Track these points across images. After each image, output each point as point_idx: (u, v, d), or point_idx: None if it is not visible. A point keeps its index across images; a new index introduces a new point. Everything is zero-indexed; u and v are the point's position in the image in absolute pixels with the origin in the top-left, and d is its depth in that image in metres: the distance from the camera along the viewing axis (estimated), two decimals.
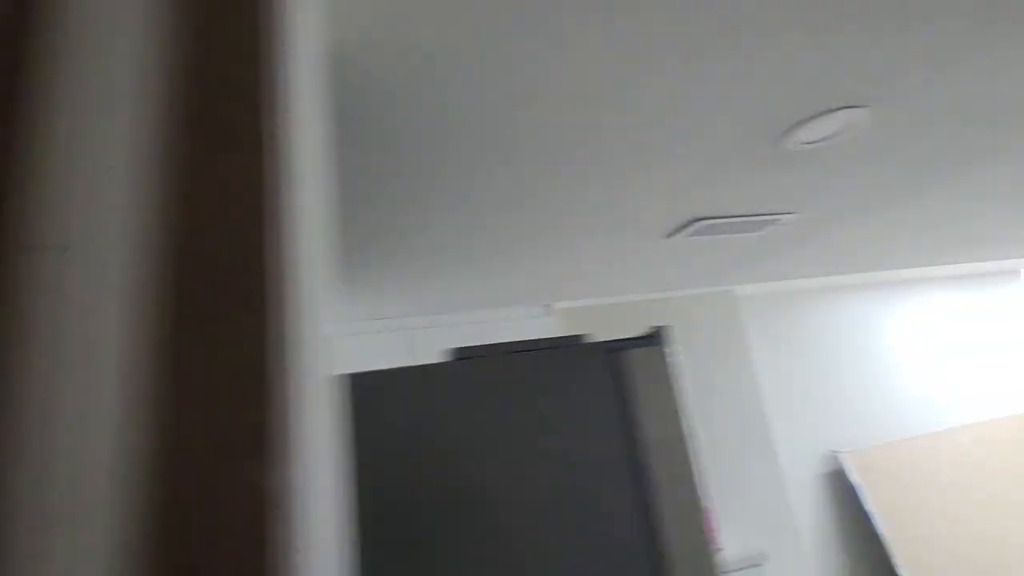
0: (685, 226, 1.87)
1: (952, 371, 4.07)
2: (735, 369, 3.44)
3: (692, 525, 1.09)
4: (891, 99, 1.28)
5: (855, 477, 3.45)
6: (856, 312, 4.02)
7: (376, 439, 1.01)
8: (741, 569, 2.56)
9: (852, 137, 1.42)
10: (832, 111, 1.27)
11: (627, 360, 1.19)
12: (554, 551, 1.03)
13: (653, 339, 1.21)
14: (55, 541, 0.28)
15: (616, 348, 1.19)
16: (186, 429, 0.31)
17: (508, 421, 1.09)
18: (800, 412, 3.65)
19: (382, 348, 2.73)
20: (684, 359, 3.38)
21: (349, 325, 2.67)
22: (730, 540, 3.02)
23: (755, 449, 3.30)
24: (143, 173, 0.36)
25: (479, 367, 1.12)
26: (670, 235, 1.91)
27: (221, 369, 0.33)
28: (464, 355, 1.15)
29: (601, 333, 3.31)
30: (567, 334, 3.27)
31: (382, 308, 2.64)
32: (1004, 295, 4.43)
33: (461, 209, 1.54)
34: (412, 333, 2.79)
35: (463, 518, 1.01)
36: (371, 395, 1.04)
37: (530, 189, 1.49)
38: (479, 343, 2.93)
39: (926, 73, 1.19)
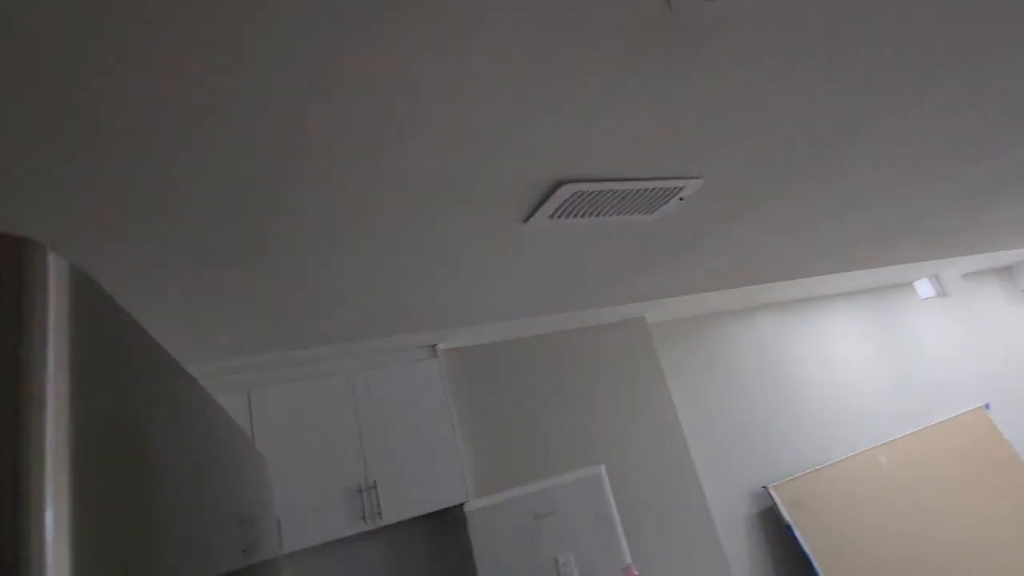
0: (546, 197, 1.35)
1: (861, 390, 3.93)
2: (655, 401, 3.05)
3: None
4: None
5: (785, 513, 3.08)
6: (766, 333, 3.82)
7: None
8: None
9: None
10: None
11: None
12: None
13: None
14: None
15: None
16: None
17: None
18: (725, 448, 3.30)
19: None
20: (600, 395, 2.95)
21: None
22: None
23: (682, 489, 2.86)
24: None
25: None
26: (528, 217, 1.44)
27: None
28: None
29: (499, 376, 2.81)
30: (458, 379, 2.74)
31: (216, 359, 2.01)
32: (902, 308, 4.45)
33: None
34: (250, 390, 2.16)
35: None
36: None
37: (324, 189, 1.04)
38: (346, 396, 2.36)
39: None
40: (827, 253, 2.81)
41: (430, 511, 2.25)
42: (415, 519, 2.49)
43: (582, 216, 1.54)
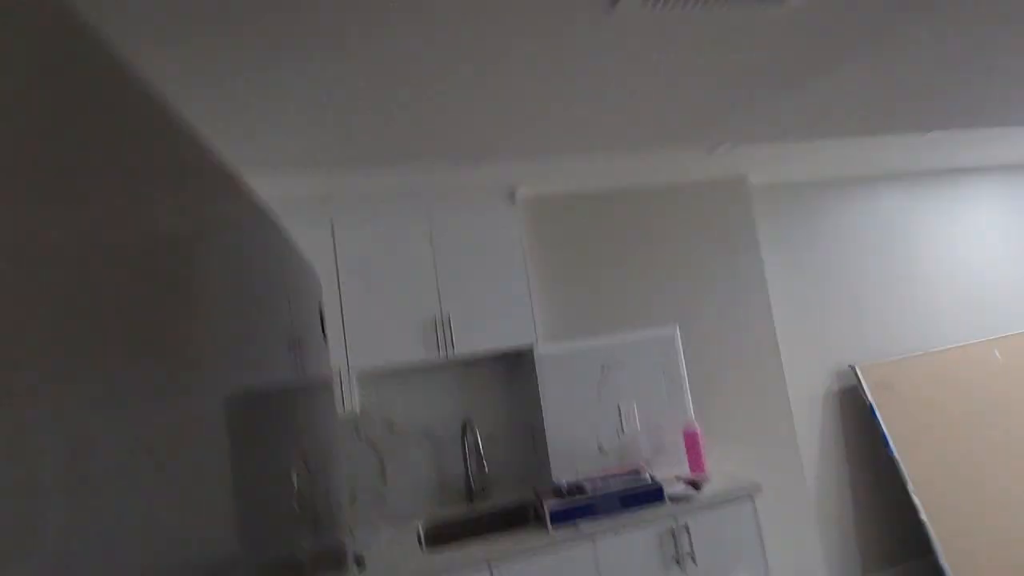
0: None
1: (986, 279, 3.46)
2: (744, 270, 2.84)
3: None
4: None
5: (870, 394, 2.93)
6: (887, 207, 3.35)
7: None
8: (727, 502, 2.08)
9: None
10: None
11: None
12: None
13: None
14: None
15: None
16: None
17: None
18: (814, 322, 3.09)
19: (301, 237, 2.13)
20: (688, 254, 2.78)
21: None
22: (720, 465, 2.54)
23: (759, 359, 2.76)
24: None
25: None
26: None
27: None
28: None
29: (578, 227, 2.68)
30: (535, 227, 2.64)
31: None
32: None
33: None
34: (333, 222, 2.19)
35: None
36: None
37: None
38: (425, 236, 2.35)
39: None
40: (976, 100, 2.28)
41: (501, 349, 2.30)
42: (487, 357, 2.58)
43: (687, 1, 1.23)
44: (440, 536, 2.31)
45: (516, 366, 2.62)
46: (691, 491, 2.12)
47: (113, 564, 0.33)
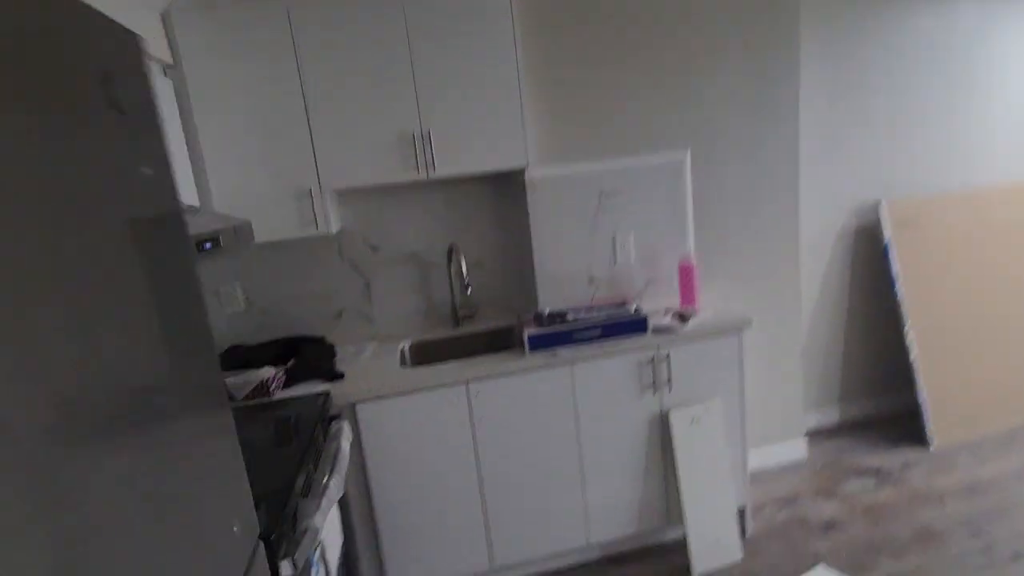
0: None
1: None
2: (776, 91, 2.47)
3: None
4: None
5: (889, 232, 2.74)
6: (952, 26, 2.79)
7: None
8: (713, 335, 2.03)
9: None
10: None
11: None
12: None
13: None
14: None
15: None
16: None
17: None
18: (844, 151, 2.78)
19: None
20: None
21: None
22: (716, 300, 2.47)
23: (775, 196, 2.53)
24: None
25: None
26: None
27: None
28: None
29: (578, 33, 2.26)
30: (529, 29, 2.23)
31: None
32: None
33: None
34: (289, 9, 1.84)
35: None
36: None
37: None
38: (401, 35, 1.99)
39: None
40: None
41: (487, 171, 2.10)
42: (474, 179, 2.38)
43: None
44: (424, 356, 2.36)
45: (506, 189, 2.44)
46: (676, 323, 2.06)
47: None
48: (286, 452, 1.40)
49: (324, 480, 1.32)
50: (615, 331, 1.97)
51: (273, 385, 1.84)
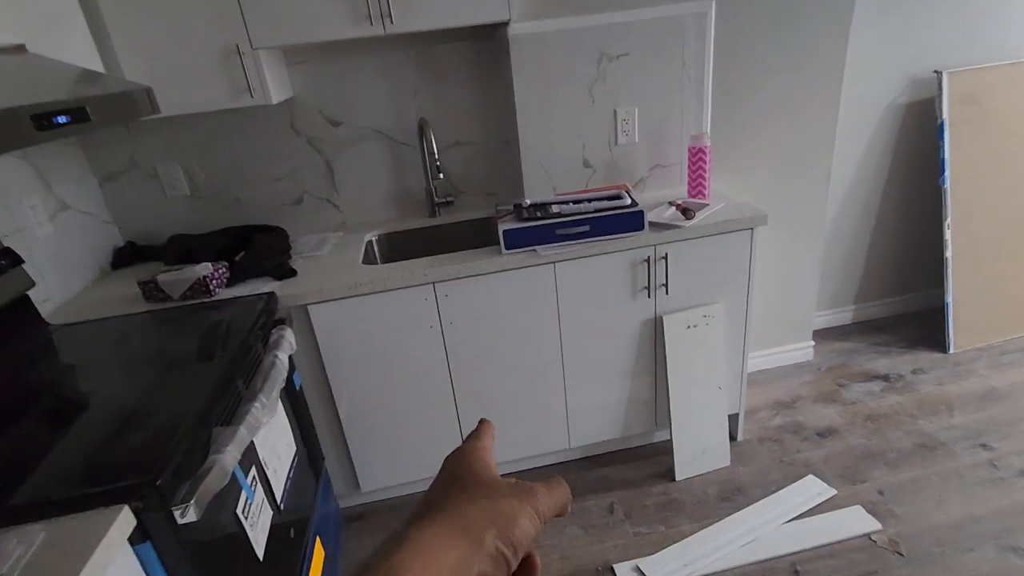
0: None
1: None
2: None
3: None
4: None
5: (947, 109, 2.31)
6: None
7: None
8: (721, 234, 1.75)
9: None
10: None
11: None
12: None
13: None
14: None
15: None
16: None
17: None
18: (903, 11, 2.25)
19: None
20: None
21: None
22: (730, 189, 2.15)
23: (815, 64, 2.09)
24: None
25: None
26: None
27: None
28: None
29: None
30: None
31: None
32: None
33: None
34: None
35: None
36: None
37: None
38: None
39: None
40: None
41: (459, 24, 1.68)
42: (447, 36, 1.96)
43: None
44: (393, 250, 2.12)
45: (488, 51, 2.02)
46: (679, 219, 1.77)
47: None
48: (208, 368, 1.22)
49: (249, 404, 1.15)
50: (606, 228, 1.69)
51: (214, 283, 1.63)
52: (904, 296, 2.85)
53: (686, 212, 1.77)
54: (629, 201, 1.70)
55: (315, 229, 2.15)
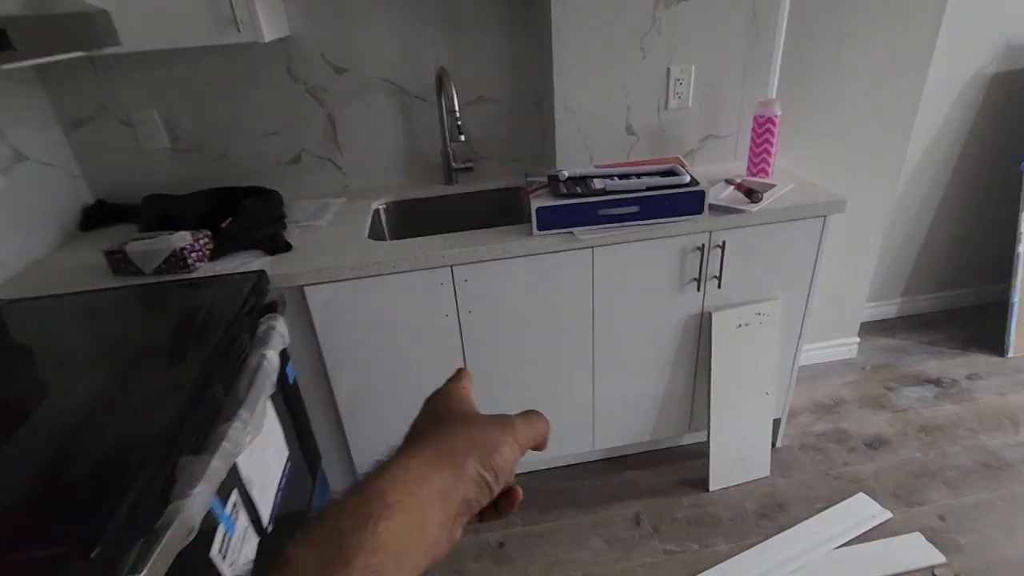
0: None
1: None
2: None
3: None
4: None
5: None
6: None
7: None
8: (790, 221, 1.49)
9: None
10: None
11: None
12: None
13: None
14: None
15: None
16: None
17: None
18: None
19: None
20: None
21: None
22: (795, 168, 1.87)
23: (905, 24, 1.78)
24: None
25: None
26: None
27: None
28: None
29: None
30: None
31: None
32: None
33: None
34: None
35: None
36: None
37: None
38: None
39: None
40: None
41: None
42: None
43: None
44: (403, 222, 1.86)
45: None
46: (743, 201, 1.51)
47: None
48: (179, 368, 0.98)
49: (227, 425, 0.92)
50: (659, 210, 1.43)
51: (193, 256, 1.38)
52: (957, 291, 2.61)
53: (751, 194, 1.51)
54: (688, 179, 1.43)
55: (314, 193, 1.88)
